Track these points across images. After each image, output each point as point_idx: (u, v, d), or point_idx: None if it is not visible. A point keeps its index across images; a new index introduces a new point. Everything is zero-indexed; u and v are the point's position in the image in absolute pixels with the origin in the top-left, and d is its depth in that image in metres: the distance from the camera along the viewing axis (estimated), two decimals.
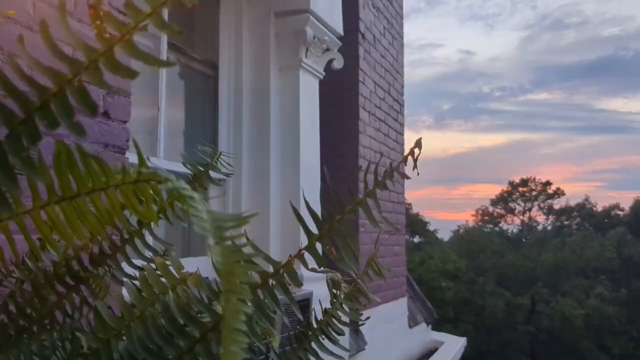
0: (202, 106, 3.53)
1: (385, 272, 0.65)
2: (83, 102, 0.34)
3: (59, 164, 0.38)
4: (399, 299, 5.30)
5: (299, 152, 3.46)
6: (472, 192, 69.29)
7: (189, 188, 0.36)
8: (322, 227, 0.52)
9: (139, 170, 0.40)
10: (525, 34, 73.97)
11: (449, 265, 29.19)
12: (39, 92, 0.34)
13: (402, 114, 5.71)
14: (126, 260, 0.66)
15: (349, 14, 4.29)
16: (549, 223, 41.34)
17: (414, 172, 0.64)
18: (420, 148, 0.59)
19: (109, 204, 0.41)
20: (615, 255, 31.48)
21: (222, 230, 0.33)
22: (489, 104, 70.40)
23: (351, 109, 4.50)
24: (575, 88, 68.77)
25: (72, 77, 0.34)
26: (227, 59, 3.50)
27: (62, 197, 0.40)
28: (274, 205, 3.37)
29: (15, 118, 0.34)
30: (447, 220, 65.17)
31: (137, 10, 0.35)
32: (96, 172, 0.39)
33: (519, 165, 69.11)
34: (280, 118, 3.51)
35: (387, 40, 5.30)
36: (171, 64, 0.35)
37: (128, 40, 0.34)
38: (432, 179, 66.66)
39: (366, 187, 0.55)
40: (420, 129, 69.24)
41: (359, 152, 4.48)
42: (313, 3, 3.48)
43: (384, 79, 5.15)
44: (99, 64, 0.34)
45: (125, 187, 0.40)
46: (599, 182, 68.84)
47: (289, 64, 3.55)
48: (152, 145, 3.01)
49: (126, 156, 2.11)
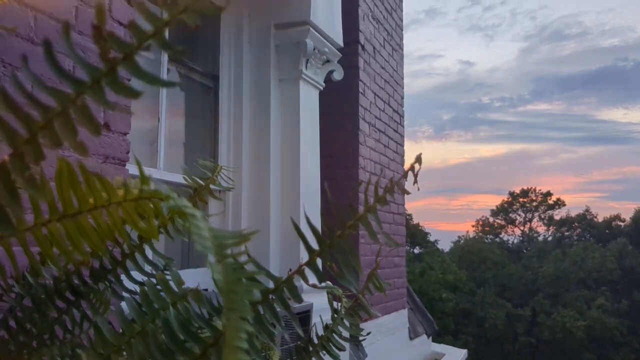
0: (202, 117, 3.54)
1: (386, 287, 0.65)
2: (86, 121, 0.35)
3: (61, 181, 0.38)
4: (399, 310, 5.28)
5: (299, 163, 3.46)
6: (473, 203, 69.25)
7: (190, 206, 0.36)
8: (322, 243, 0.53)
9: (141, 188, 0.40)
10: (524, 45, 74.28)
11: (450, 277, 29.13)
12: (42, 112, 0.35)
13: (402, 125, 5.72)
14: (127, 275, 0.66)
15: (349, 25, 4.31)
16: (549, 234, 41.28)
17: (414, 187, 0.64)
18: (420, 163, 0.60)
19: (111, 221, 0.42)
20: (617, 266, 31.41)
21: (223, 248, 0.33)
22: (489, 114, 70.54)
23: (351, 120, 4.51)
24: (575, 99, 68.97)
25: (76, 97, 0.34)
26: (228, 70, 3.51)
27: (63, 214, 0.40)
28: (274, 218, 3.37)
29: (19, 137, 0.34)
30: (448, 231, 65.06)
31: (140, 30, 0.36)
32: (98, 189, 0.39)
33: (519, 175, 69.16)
34: (280, 129, 3.52)
35: (387, 52, 5.33)
36: (174, 85, 0.36)
37: (131, 60, 0.35)
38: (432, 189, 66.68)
39: (367, 203, 0.55)
40: (420, 139, 69.37)
41: (358, 163, 4.48)
42: (313, 15, 3.50)
43: (383, 90, 5.16)
44: (102, 84, 0.34)
45: (127, 204, 0.40)
46: (600, 193, 68.83)
47: (289, 75, 3.56)
48: (152, 156, 3.01)
49: (126, 168, 2.12)
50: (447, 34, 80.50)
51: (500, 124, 71.03)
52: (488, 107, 70.57)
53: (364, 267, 3.29)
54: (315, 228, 0.53)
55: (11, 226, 0.37)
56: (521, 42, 74.18)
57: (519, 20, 73.76)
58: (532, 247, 39.08)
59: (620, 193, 66.63)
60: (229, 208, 3.34)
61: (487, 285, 31.17)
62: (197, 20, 0.36)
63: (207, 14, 0.36)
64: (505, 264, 33.41)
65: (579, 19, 73.32)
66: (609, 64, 68.11)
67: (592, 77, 68.17)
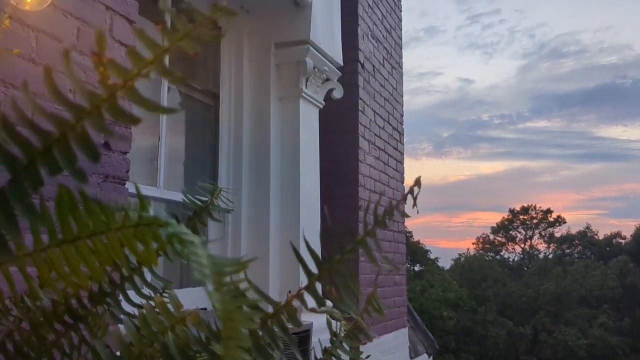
0: (202, 135, 3.55)
1: (385, 309, 0.65)
2: (85, 148, 0.35)
3: (61, 207, 0.38)
4: (399, 329, 5.24)
5: (299, 182, 3.47)
6: (473, 220, 69.13)
7: (189, 232, 0.36)
8: (321, 267, 0.52)
9: (140, 215, 0.40)
10: (523, 63, 74.71)
11: (450, 294, 28.96)
12: (42, 138, 0.35)
13: (402, 142, 5.73)
14: (125, 298, 0.66)
15: (349, 44, 4.34)
16: (550, 251, 41.13)
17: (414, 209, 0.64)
18: (419, 186, 0.60)
19: (109, 246, 0.42)
20: (618, 284, 31.26)
21: (221, 276, 0.33)
22: (488, 131, 70.70)
23: (351, 137, 4.52)
24: (574, 116, 69.19)
25: (75, 123, 0.35)
26: (228, 88, 3.53)
27: (63, 240, 0.40)
28: (273, 238, 3.36)
29: (18, 163, 0.34)
30: (448, 248, 64.83)
31: (140, 58, 0.36)
32: (97, 214, 0.39)
33: (519, 192, 69.10)
34: (280, 147, 3.53)
35: (387, 70, 5.36)
36: (173, 111, 0.36)
37: (130, 87, 0.35)
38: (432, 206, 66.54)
39: (366, 227, 0.55)
40: (420, 156, 69.48)
41: (358, 181, 4.48)
42: (313, 34, 3.53)
43: (383, 108, 5.18)
44: (101, 111, 0.35)
45: (126, 231, 0.40)
46: (600, 210, 68.75)
47: (289, 94, 3.58)
48: (152, 174, 3.02)
49: (126, 187, 2.12)
50: (446, 51, 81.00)
51: (499, 141, 71.17)
52: (487, 124, 70.77)
53: (364, 285, 3.28)
54: (314, 252, 0.53)
55: (10, 253, 0.37)
56: (520, 59, 74.63)
57: (517, 38, 74.28)
58: (533, 264, 38.94)
59: (620, 210, 66.54)
60: (228, 227, 3.33)
61: (488, 303, 30.98)
62: (196, 48, 0.36)
63: (206, 41, 0.36)
64: (506, 282, 33.25)
65: (577, 37, 73.85)
66: (607, 81, 68.45)
67: (590, 94, 68.48)
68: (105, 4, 2.09)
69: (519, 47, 74.84)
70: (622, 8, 78.12)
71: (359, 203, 4.41)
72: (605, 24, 79.53)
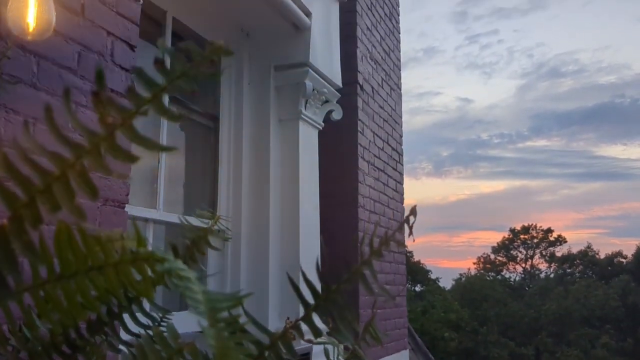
0: (202, 158, 3.56)
1: (383, 337, 0.65)
2: (85, 186, 0.35)
3: (59, 243, 0.39)
4: (400, 351, 5.20)
5: (299, 203, 3.47)
6: (474, 240, 68.92)
7: (185, 268, 0.37)
8: (318, 297, 0.53)
9: (137, 250, 0.41)
10: (522, 82, 75.14)
11: (452, 315, 28.77)
12: (41, 176, 0.35)
13: (401, 163, 5.75)
14: (123, 327, 0.66)
15: (348, 66, 4.38)
16: (551, 271, 40.97)
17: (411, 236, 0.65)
18: (415, 215, 0.60)
19: (107, 281, 0.42)
20: (620, 304, 31.07)
21: (216, 312, 0.34)
22: (488, 150, 70.87)
23: (350, 158, 4.54)
24: (574, 135, 69.40)
25: (75, 161, 0.35)
26: (228, 111, 3.55)
27: (61, 275, 0.41)
28: (273, 260, 3.36)
29: (18, 201, 0.35)
30: (449, 268, 64.62)
31: (138, 96, 0.37)
32: (95, 250, 0.40)
33: (519, 212, 69.03)
34: (279, 169, 3.54)
35: (386, 91, 5.39)
36: (172, 150, 0.37)
37: (129, 126, 0.36)
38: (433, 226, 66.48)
39: (362, 256, 0.56)
40: (420, 175, 69.54)
41: (358, 202, 4.48)
42: (312, 57, 3.57)
43: (382, 129, 5.21)
44: (100, 149, 0.35)
45: (124, 265, 0.41)
46: (601, 229, 68.60)
47: (288, 116, 3.60)
48: (152, 196, 3.02)
49: (125, 210, 2.13)
50: (445, 71, 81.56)
51: (499, 161, 71.34)
52: (487, 143, 70.98)
53: (364, 307, 3.25)
54: (311, 282, 0.54)
55: (9, 290, 0.37)
56: (519, 79, 75.11)
57: (516, 58, 74.85)
58: (534, 284, 38.76)
59: (621, 229, 66.41)
60: (228, 249, 3.33)
61: (490, 324, 30.77)
62: (194, 86, 0.37)
63: (204, 79, 0.37)
64: (507, 302, 33.06)
65: (575, 56, 74.41)
66: (606, 100, 68.78)
67: (590, 113, 68.79)
68: (106, 29, 2.11)
69: (518, 67, 75.32)
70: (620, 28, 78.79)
71: (359, 224, 4.41)
72: (604, 43, 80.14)
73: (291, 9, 3.38)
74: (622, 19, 79.70)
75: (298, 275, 0.58)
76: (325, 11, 3.85)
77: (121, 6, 2.20)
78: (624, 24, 78.76)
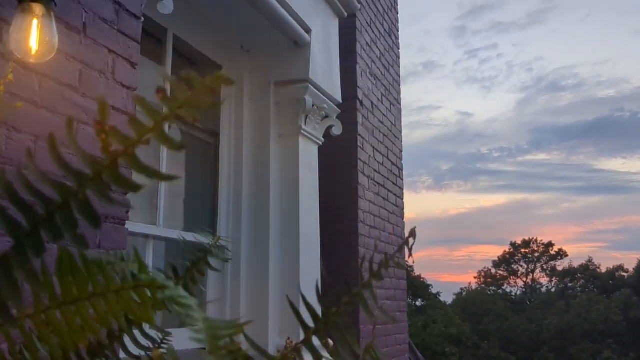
0: (202, 173, 3.57)
1: (384, 359, 0.65)
2: (87, 214, 0.36)
3: (61, 269, 0.39)
4: None
5: (299, 218, 3.47)
6: (474, 254, 68.79)
7: (186, 295, 0.37)
8: (318, 320, 0.53)
9: (137, 277, 0.41)
10: (522, 96, 75.46)
11: (453, 330, 28.60)
12: (44, 204, 0.36)
13: (401, 177, 5.75)
14: (124, 350, 0.66)
15: (348, 82, 4.40)
16: (552, 285, 40.82)
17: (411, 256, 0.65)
18: (414, 237, 0.61)
19: (108, 307, 0.42)
20: (622, 318, 30.91)
21: (217, 340, 0.34)
22: (488, 164, 70.95)
23: (350, 173, 4.54)
24: (574, 149, 69.55)
25: (77, 190, 0.36)
26: (228, 126, 3.57)
27: (63, 301, 0.41)
28: (273, 276, 3.35)
29: (21, 229, 0.35)
30: (450, 282, 64.38)
31: (140, 125, 0.37)
32: (97, 277, 0.40)
33: (520, 226, 68.94)
34: (279, 184, 3.54)
35: (385, 106, 5.41)
36: (174, 178, 0.37)
37: (131, 154, 0.36)
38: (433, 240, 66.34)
39: (362, 279, 0.56)
40: (420, 189, 69.52)
41: (358, 217, 4.48)
42: (312, 72, 3.59)
43: (382, 143, 5.22)
44: (102, 177, 0.36)
45: (125, 292, 0.41)
46: (601, 243, 68.48)
47: (288, 131, 3.61)
48: (152, 212, 3.02)
49: (126, 227, 2.13)
50: (445, 85, 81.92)
51: (499, 174, 71.39)
52: (487, 157, 71.10)
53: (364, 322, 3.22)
54: (311, 306, 0.54)
55: (11, 317, 0.37)
56: (518, 93, 75.43)
57: (515, 72, 75.21)
58: (536, 298, 38.58)
59: (622, 243, 66.30)
60: (228, 267, 3.32)
61: (491, 339, 30.58)
62: (195, 116, 0.38)
63: (205, 108, 0.38)
64: (508, 317, 32.89)
65: (574, 70, 74.77)
66: (605, 114, 69.04)
67: (589, 127, 68.99)
68: (107, 47, 2.13)
69: (517, 81, 75.68)
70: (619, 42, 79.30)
71: (359, 239, 4.41)
72: (603, 57, 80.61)
73: (291, 25, 3.41)
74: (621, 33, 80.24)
75: (298, 298, 0.58)
76: (325, 28, 3.87)
77: (122, 24, 2.21)
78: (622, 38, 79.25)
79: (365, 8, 5.04)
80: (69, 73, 1.96)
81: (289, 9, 3.33)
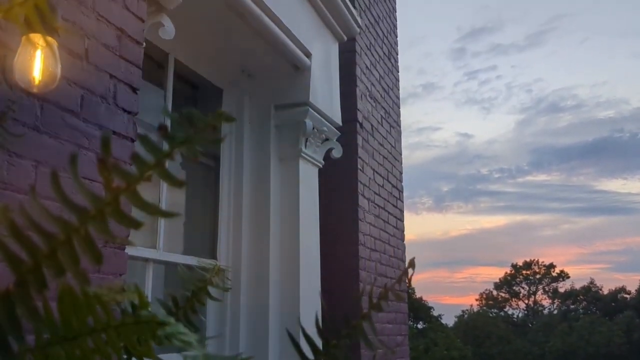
0: (203, 196, 3.57)
1: None
2: (89, 251, 0.36)
3: (62, 305, 0.40)
4: None
5: (299, 241, 3.47)
6: (476, 275, 68.48)
7: (186, 332, 0.37)
8: (318, 353, 0.53)
9: (138, 313, 0.41)
10: (521, 117, 75.84)
11: (455, 353, 28.33)
12: (47, 241, 0.36)
13: (402, 200, 5.75)
14: None
15: (347, 105, 4.43)
16: (554, 307, 40.54)
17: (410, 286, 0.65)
18: (414, 268, 0.61)
19: (109, 342, 0.43)
20: (625, 341, 30.64)
21: None
22: (488, 185, 71.07)
23: (351, 196, 4.55)
24: (574, 169, 69.70)
25: (79, 226, 0.36)
26: (229, 149, 3.58)
27: (64, 336, 0.41)
28: (273, 299, 3.33)
29: (24, 266, 0.36)
30: (451, 304, 63.97)
31: (142, 161, 0.38)
32: (98, 313, 0.41)
33: (521, 247, 68.79)
34: (280, 207, 3.54)
35: (385, 129, 5.44)
36: (174, 215, 0.37)
37: (133, 191, 0.37)
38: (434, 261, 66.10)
39: (361, 311, 0.56)
40: (420, 210, 69.46)
41: (358, 239, 4.47)
42: (312, 96, 3.61)
43: (382, 166, 5.23)
44: (105, 215, 0.36)
45: (125, 328, 0.41)
46: (603, 264, 68.24)
47: (288, 154, 3.63)
48: (152, 235, 3.02)
49: (125, 251, 2.12)
50: (445, 107, 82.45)
51: (500, 195, 71.43)
52: (487, 178, 71.23)
53: (366, 348, 3.19)
54: (310, 338, 0.54)
55: (11, 353, 0.38)
56: (518, 114, 75.84)
57: (514, 93, 75.72)
58: (538, 321, 38.29)
59: (624, 264, 66.06)
60: (227, 297, 3.30)
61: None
62: (196, 153, 0.38)
63: (206, 147, 0.38)
64: (511, 339, 32.61)
65: (574, 91, 75.28)
66: (605, 135, 69.32)
67: (589, 148, 69.24)
68: (109, 72, 2.15)
69: (517, 102, 76.09)
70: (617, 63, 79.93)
71: (359, 262, 4.39)
72: (602, 79, 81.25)
73: (291, 50, 3.44)
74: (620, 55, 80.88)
75: (298, 330, 0.58)
76: (325, 51, 3.91)
77: (124, 50, 2.24)
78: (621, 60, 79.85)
79: (365, 32, 5.09)
80: (71, 98, 1.97)
81: (290, 33, 3.36)
